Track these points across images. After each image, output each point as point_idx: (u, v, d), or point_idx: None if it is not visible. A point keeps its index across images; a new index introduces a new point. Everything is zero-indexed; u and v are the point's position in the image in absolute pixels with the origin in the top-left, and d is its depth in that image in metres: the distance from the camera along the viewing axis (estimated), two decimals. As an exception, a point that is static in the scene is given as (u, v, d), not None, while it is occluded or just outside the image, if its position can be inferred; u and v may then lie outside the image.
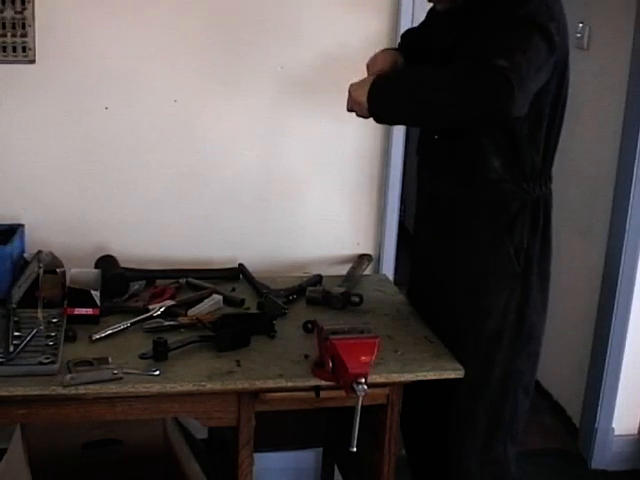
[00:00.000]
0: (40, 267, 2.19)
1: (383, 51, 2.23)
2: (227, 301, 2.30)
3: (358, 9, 2.56)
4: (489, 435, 2.17)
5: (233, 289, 2.40)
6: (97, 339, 2.03)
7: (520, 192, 2.05)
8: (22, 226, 2.44)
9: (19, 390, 1.80)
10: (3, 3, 2.31)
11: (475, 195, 2.08)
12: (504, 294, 2.08)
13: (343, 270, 2.63)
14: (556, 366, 3.35)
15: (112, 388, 1.84)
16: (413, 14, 2.56)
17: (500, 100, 1.80)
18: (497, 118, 1.87)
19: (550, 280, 2.16)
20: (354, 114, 2.07)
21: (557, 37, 1.89)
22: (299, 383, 1.92)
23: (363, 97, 1.98)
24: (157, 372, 1.88)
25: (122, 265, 2.40)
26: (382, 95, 1.98)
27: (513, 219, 2.05)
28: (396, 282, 2.67)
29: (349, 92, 2.05)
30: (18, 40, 2.35)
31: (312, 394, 1.96)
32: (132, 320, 2.11)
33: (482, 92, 1.81)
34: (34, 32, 2.36)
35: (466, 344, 2.10)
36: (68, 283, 2.17)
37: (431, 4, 2.17)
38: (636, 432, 3.22)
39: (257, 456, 2.08)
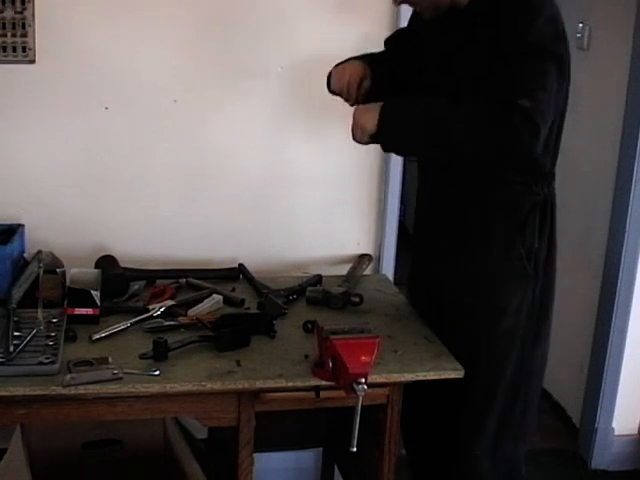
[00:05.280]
0: (40, 267, 2.19)
1: (351, 62, 2.17)
2: (227, 301, 2.30)
3: (357, 9, 2.56)
4: (500, 433, 2.18)
5: (233, 289, 2.40)
6: (97, 339, 2.03)
7: (530, 193, 2.06)
8: (22, 226, 2.44)
9: (19, 390, 1.80)
10: (3, 3, 2.31)
11: (487, 197, 2.08)
12: (517, 294, 2.09)
13: (343, 270, 2.62)
14: (556, 366, 3.34)
15: (112, 388, 1.84)
16: (413, 14, 2.56)
17: (526, 143, 1.83)
18: (522, 158, 1.91)
19: (555, 280, 2.17)
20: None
21: (565, 56, 1.93)
22: (299, 383, 1.92)
23: (369, 124, 1.93)
24: (157, 372, 1.88)
25: (122, 265, 2.40)
26: (395, 128, 1.94)
27: (524, 220, 2.06)
28: (396, 282, 2.67)
29: (354, 116, 1.99)
30: (18, 40, 2.35)
31: (312, 394, 1.95)
32: (132, 320, 2.11)
33: (509, 137, 1.83)
34: (34, 32, 2.36)
35: (481, 344, 2.11)
36: (68, 283, 2.17)
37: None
38: (636, 432, 3.22)
39: (257, 456, 2.07)
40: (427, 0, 2.02)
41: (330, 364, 1.84)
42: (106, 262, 2.40)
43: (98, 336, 2.03)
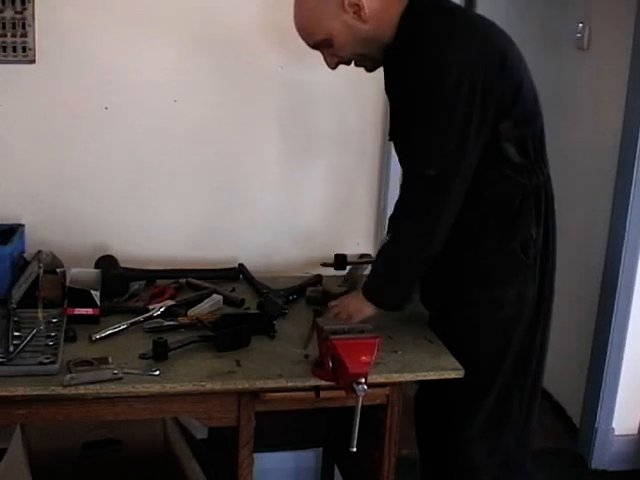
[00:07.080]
0: (40, 267, 2.19)
1: (358, 298, 2.16)
2: (227, 301, 2.30)
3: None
4: (496, 420, 2.17)
5: (233, 289, 2.40)
6: (97, 339, 2.03)
7: (518, 186, 2.05)
8: (22, 226, 2.44)
9: (19, 390, 1.80)
10: (3, 3, 2.31)
11: (477, 194, 2.07)
12: (516, 285, 2.10)
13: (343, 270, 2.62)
14: (556, 366, 3.34)
15: (112, 388, 1.84)
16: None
17: (440, 205, 1.97)
18: (450, 212, 1.98)
19: (555, 268, 2.18)
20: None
21: (484, 70, 1.92)
22: (299, 383, 1.92)
23: (362, 313, 2.10)
24: (157, 372, 1.88)
25: (122, 265, 2.40)
26: (387, 292, 2.10)
27: (518, 212, 2.06)
28: (396, 282, 2.67)
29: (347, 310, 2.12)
30: (18, 40, 2.35)
31: (312, 394, 1.95)
32: (132, 320, 2.11)
33: (430, 209, 1.98)
34: (34, 32, 2.36)
35: (480, 333, 2.12)
36: (68, 283, 2.17)
37: None
38: (636, 432, 3.22)
39: (257, 456, 2.07)
40: (355, 55, 2.05)
41: (330, 364, 1.84)
42: (106, 262, 2.40)
43: (98, 336, 2.03)
